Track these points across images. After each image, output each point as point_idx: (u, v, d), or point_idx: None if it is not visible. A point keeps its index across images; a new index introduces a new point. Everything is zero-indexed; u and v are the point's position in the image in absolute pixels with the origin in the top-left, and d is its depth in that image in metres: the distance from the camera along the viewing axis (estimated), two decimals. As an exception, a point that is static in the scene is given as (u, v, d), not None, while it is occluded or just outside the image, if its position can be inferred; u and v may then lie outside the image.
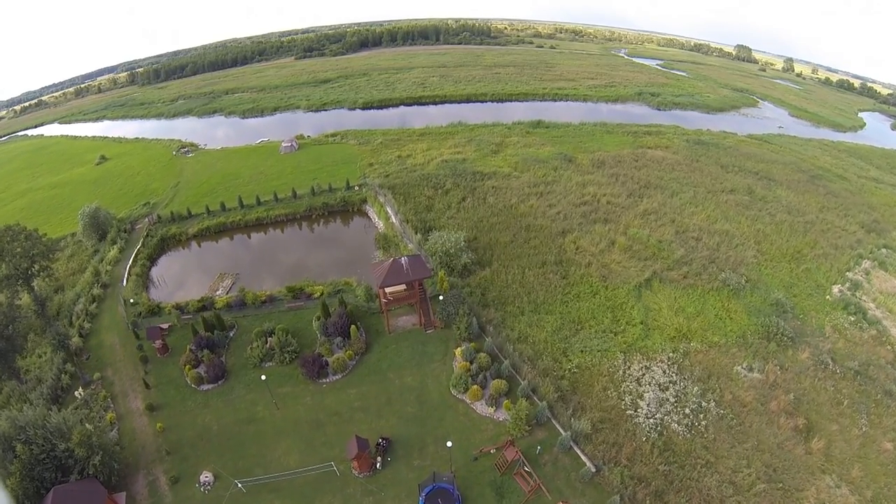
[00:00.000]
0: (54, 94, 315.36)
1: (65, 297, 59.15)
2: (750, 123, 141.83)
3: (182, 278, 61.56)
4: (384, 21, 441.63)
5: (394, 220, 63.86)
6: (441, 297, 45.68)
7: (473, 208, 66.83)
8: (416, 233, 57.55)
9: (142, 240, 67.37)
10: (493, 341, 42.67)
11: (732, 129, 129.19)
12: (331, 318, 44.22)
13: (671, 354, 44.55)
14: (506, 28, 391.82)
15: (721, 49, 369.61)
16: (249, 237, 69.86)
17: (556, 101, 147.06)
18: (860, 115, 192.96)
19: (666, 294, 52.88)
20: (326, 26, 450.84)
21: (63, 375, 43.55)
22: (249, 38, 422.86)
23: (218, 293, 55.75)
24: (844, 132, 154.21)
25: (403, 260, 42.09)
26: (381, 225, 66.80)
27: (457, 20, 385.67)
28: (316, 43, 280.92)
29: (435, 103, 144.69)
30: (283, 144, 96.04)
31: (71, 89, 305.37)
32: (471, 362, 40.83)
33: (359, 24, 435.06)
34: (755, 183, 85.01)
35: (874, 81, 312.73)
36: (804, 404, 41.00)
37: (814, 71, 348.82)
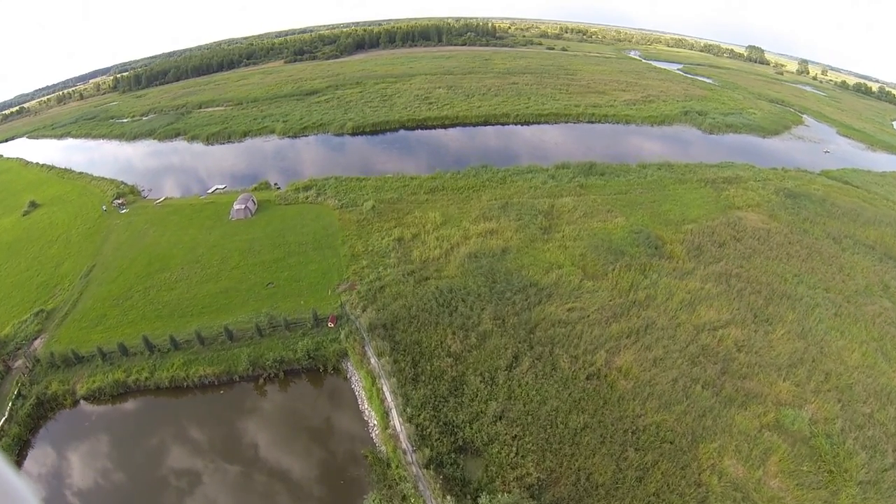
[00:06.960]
0: (41, 99, 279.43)
1: None
2: (809, 150, 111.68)
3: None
4: (382, 21, 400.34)
5: (396, 424, 31.76)
6: None
7: (536, 386, 34.40)
8: (442, 493, 26.33)
9: (9, 405, 38.09)
10: None
11: (798, 158, 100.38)
12: None
13: None
14: (510, 28, 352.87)
15: (732, 50, 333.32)
16: (159, 413, 38.43)
17: (592, 122, 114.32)
18: (894, 125, 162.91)
19: None
20: (323, 26, 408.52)
21: None
22: (245, 37, 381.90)
23: None
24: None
25: None
26: (374, 423, 33.66)
27: (457, 19, 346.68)
28: (308, 45, 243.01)
29: (444, 126, 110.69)
30: (235, 207, 64.00)
31: (54, 95, 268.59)
32: None
33: (357, 23, 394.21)
34: (881, 269, 57.50)
35: (878, 81, 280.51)
36: None
37: (824, 72, 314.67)
